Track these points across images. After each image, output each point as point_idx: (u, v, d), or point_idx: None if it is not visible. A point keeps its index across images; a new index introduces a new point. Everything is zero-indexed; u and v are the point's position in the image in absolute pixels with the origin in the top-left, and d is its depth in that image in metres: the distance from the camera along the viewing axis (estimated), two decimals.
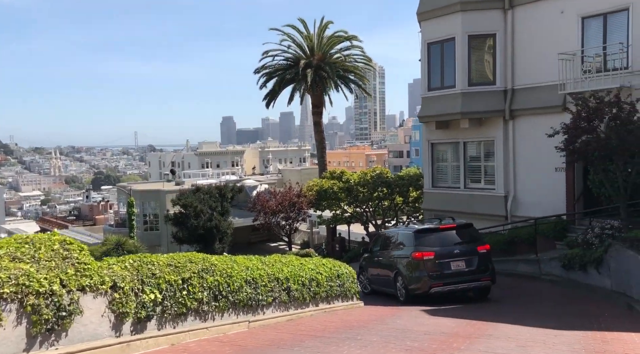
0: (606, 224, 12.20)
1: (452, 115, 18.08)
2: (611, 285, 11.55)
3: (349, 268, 11.80)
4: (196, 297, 6.74)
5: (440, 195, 19.92)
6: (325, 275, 10.31)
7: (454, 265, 11.32)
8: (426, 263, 11.26)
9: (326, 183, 22.72)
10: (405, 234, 12.47)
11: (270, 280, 8.50)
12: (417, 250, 11.48)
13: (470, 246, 11.63)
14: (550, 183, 16.76)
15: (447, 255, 11.34)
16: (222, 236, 29.70)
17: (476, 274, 11.45)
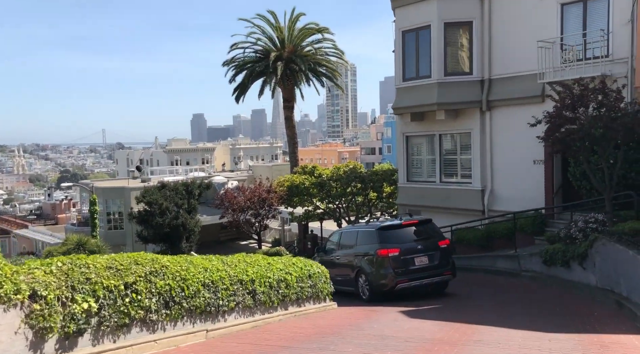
0: (590, 218, 11.65)
1: (428, 106, 17.39)
2: (596, 281, 10.97)
3: (321, 268, 10.94)
4: (142, 305, 5.76)
5: (415, 190, 19.24)
6: (295, 276, 9.42)
7: (418, 261, 11.41)
8: (391, 260, 11.22)
9: (297, 178, 21.78)
10: (368, 231, 12.24)
11: (232, 283, 7.56)
12: (382, 247, 11.39)
13: (432, 241, 11.79)
14: (528, 176, 16.25)
15: (411, 251, 11.40)
16: (189, 235, 28.53)
17: (439, 268, 11.65)
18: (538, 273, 13.35)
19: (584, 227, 11.68)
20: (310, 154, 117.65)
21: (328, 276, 11.26)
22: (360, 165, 23.99)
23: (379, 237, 11.62)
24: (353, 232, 13.02)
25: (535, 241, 15.57)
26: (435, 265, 11.56)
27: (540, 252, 13.12)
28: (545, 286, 12.41)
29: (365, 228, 12.79)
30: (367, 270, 11.81)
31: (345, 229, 14.26)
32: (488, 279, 14.14)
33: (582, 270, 11.53)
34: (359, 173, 21.77)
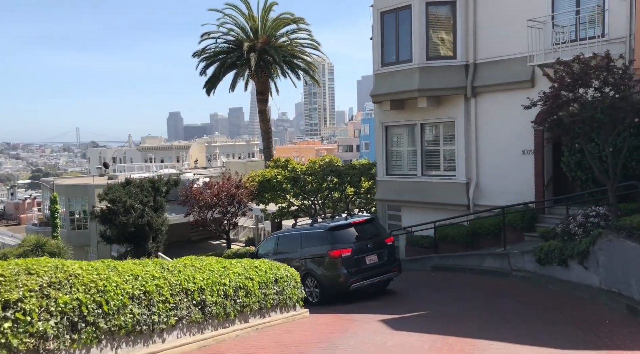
0: (591, 211, 10.45)
1: (409, 92, 16.06)
2: (600, 282, 9.77)
3: (290, 270, 9.50)
4: (33, 330, 4.23)
5: (395, 184, 17.92)
6: (258, 281, 7.96)
7: (369, 259, 11.32)
8: (344, 260, 11.01)
9: (269, 173, 20.23)
10: (315, 233, 11.82)
11: (174, 293, 6.07)
12: (333, 247, 11.09)
13: (379, 239, 11.78)
14: (516, 168, 15.05)
15: (362, 249, 11.30)
16: (155, 234, 26.84)
17: (387, 266, 11.67)
18: (531, 273, 12.12)
19: (584, 222, 10.47)
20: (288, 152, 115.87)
21: (299, 280, 9.84)
22: (337, 158, 22.60)
23: (329, 238, 11.28)
24: (295, 235, 12.45)
25: (524, 238, 14.38)
26: (385, 262, 11.60)
27: (534, 250, 11.90)
28: (541, 288, 11.18)
29: (312, 229, 12.15)
30: (317, 273, 11.44)
31: (283, 232, 13.22)
32: (475, 280, 12.88)
33: (582, 269, 10.32)
34: (335, 167, 20.36)
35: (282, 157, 21.86)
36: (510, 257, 12.91)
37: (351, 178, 20.78)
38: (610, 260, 9.32)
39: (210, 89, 34.82)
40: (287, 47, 34.01)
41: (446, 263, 14.70)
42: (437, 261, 14.88)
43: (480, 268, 13.71)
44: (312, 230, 12.10)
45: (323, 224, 12.22)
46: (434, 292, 11.98)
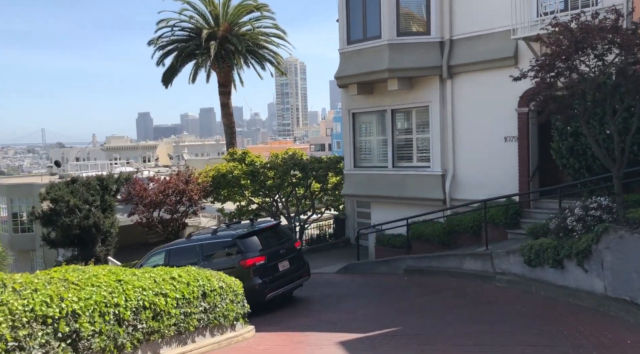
0: (591, 202, 8.77)
1: (378, 73, 14.24)
2: (606, 288, 8.10)
3: (227, 280, 7.55)
4: None
5: (364, 177, 16.11)
6: (175, 297, 5.98)
7: (281, 266, 10.79)
8: (258, 269, 10.25)
9: (224, 167, 18.15)
10: (223, 241, 10.84)
11: (20, 325, 4.04)
12: (245, 256, 10.28)
13: (289, 244, 11.36)
14: (498, 157, 13.40)
15: (275, 256, 10.72)
16: (105, 237, 24.48)
17: (299, 271, 11.26)
18: (518, 276, 10.41)
19: (583, 215, 8.78)
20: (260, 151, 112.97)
21: (241, 290, 7.90)
22: (302, 152, 20.65)
23: (239, 246, 10.47)
24: (192, 246, 11.14)
25: (508, 236, 12.73)
26: (296, 267, 11.14)
27: (521, 249, 10.19)
28: (531, 295, 9.47)
29: (215, 238, 11.02)
30: None
31: (175, 245, 11.73)
32: (454, 285, 11.11)
33: (582, 272, 8.64)
34: (298, 161, 18.41)
35: (238, 149, 19.76)
36: (493, 258, 11.18)
37: (317, 172, 18.86)
38: (621, 260, 7.64)
39: (168, 81, 32.53)
40: (250, 35, 31.97)
41: (420, 265, 12.93)
42: (410, 263, 13.10)
43: (460, 270, 11.96)
44: (217, 239, 10.95)
45: (230, 232, 11.14)
46: (406, 300, 10.17)
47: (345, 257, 16.66)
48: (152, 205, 17.08)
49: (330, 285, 13.05)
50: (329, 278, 13.89)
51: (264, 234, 10.99)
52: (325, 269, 15.27)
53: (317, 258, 17.56)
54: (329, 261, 16.41)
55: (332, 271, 14.72)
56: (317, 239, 19.95)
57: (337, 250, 18.85)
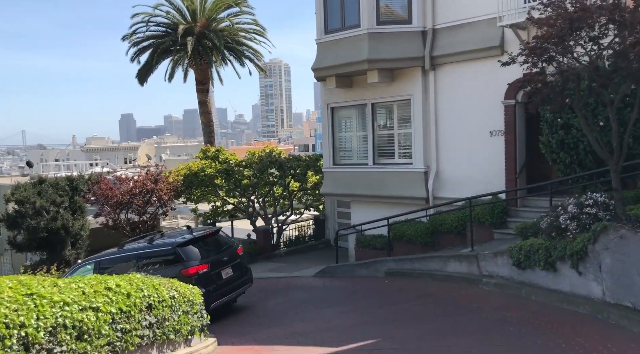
0: (586, 199, 8.03)
1: (357, 64, 13.42)
2: (604, 293, 7.36)
3: (182, 288, 6.64)
4: None
5: (344, 175, 15.28)
6: (110, 311, 5.05)
7: (224, 274, 10.35)
8: (201, 278, 9.69)
9: (196, 165, 17.15)
10: (161, 250, 10.21)
11: None
12: (187, 264, 9.73)
13: (232, 250, 10.93)
14: (484, 152, 12.68)
15: (218, 264, 10.27)
16: (75, 240, 23.36)
17: (242, 278, 10.87)
18: (506, 279, 9.66)
19: (578, 213, 8.04)
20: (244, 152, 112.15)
21: (199, 299, 7.00)
22: (281, 150, 19.74)
23: (180, 254, 9.89)
24: (125, 256, 10.42)
25: (494, 236, 12.01)
26: (239, 274, 10.75)
27: (510, 250, 9.43)
28: (521, 300, 8.71)
29: (152, 247, 10.32)
30: None
31: (106, 256, 10.83)
32: (437, 289, 10.32)
33: (576, 275, 7.90)
34: (275, 158, 17.50)
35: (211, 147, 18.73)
36: (479, 259, 10.42)
37: (295, 170, 17.98)
38: (622, 263, 6.91)
39: (143, 78, 31.28)
40: (229, 31, 30.97)
41: (402, 268, 12.12)
42: (391, 266, 12.29)
43: (443, 273, 11.17)
44: (154, 248, 10.26)
45: (169, 240, 10.46)
46: (386, 307, 9.35)
47: (324, 259, 15.81)
48: (118, 205, 16.02)
49: (305, 289, 12.19)
50: (305, 283, 13.03)
51: (205, 241, 10.56)
52: (302, 272, 14.40)
53: (295, 260, 16.69)
54: (307, 264, 15.53)
55: (309, 274, 13.85)
56: (295, 240, 19.06)
57: (316, 251, 17.98)
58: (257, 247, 17.11)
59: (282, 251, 17.70)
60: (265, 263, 16.56)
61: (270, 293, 12.29)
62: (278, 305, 10.94)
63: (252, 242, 17.55)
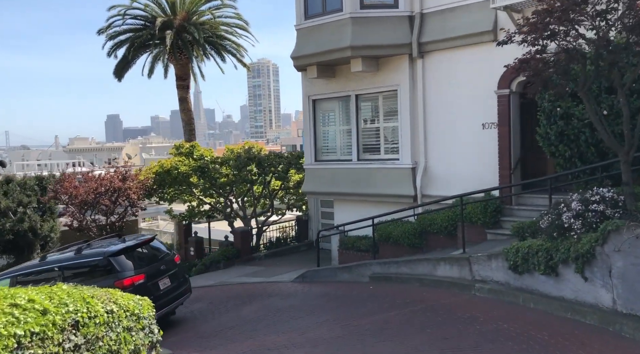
0: (592, 195, 7.13)
1: (339, 51, 12.44)
2: (614, 302, 6.46)
3: (125, 300, 5.61)
4: None
5: (326, 172, 14.30)
6: (14, 334, 4.01)
7: (162, 284, 9.82)
8: (137, 290, 8.68)
9: (168, 162, 16.04)
10: (91, 261, 9.45)
11: None
12: (121, 275, 9.09)
13: (169, 259, 10.42)
14: (475, 147, 11.78)
15: (155, 273, 9.74)
16: (44, 243, 22.15)
17: (180, 288, 10.35)
18: (501, 284, 8.74)
19: (583, 210, 7.14)
20: None
21: (148, 312, 5.97)
22: (261, 147, 18.71)
23: (113, 264, 9.23)
24: (47, 269, 9.55)
25: (487, 236, 11.13)
26: (177, 284, 10.23)
27: (506, 252, 8.51)
28: (519, 308, 7.80)
29: (80, 258, 9.51)
30: None
31: (23, 269, 9.93)
32: (426, 295, 9.37)
33: (582, 280, 6.99)
34: (254, 155, 16.46)
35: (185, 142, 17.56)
36: (471, 262, 9.49)
37: (275, 168, 16.96)
38: (637, 266, 6.01)
39: (120, 74, 30.02)
40: (211, 25, 29.85)
41: (388, 272, 11.15)
42: (376, 270, 11.32)
43: (433, 277, 10.22)
44: (82, 259, 9.46)
45: (99, 249, 9.69)
46: (368, 317, 8.36)
47: (306, 262, 14.82)
48: (83, 205, 14.87)
49: (283, 296, 11.19)
50: (283, 288, 12.02)
51: (140, 250, 9.99)
52: (281, 277, 13.39)
53: (275, 263, 15.68)
54: (287, 268, 14.53)
55: (288, 279, 12.84)
56: (276, 242, 18.03)
57: (298, 254, 16.98)
58: (235, 250, 16.07)
59: (261, 254, 16.66)
60: (242, 266, 15.54)
61: (244, 300, 11.28)
62: (251, 314, 9.92)
63: (230, 244, 16.49)
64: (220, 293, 12.57)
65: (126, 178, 15.23)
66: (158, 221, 34.46)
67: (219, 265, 15.76)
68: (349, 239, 13.38)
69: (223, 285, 13.54)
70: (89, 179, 15.28)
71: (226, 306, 11.06)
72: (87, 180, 15.20)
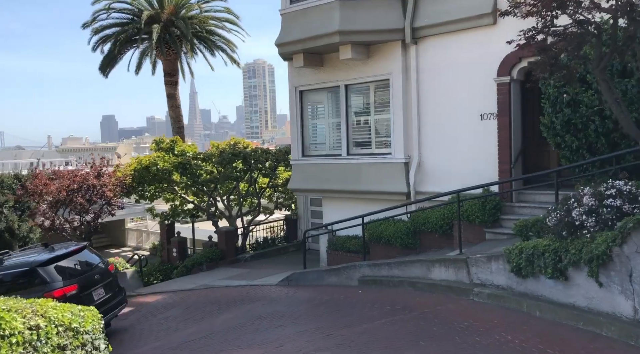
0: (606, 188, 6.27)
1: (327, 36, 11.55)
2: (635, 310, 5.61)
3: (59, 312, 4.72)
4: None
5: (314, 168, 13.43)
6: None
7: (96, 295, 9.42)
8: (69, 302, 7.70)
9: (147, 158, 15.06)
10: (16, 272, 8.94)
11: None
12: (51, 286, 8.67)
13: (102, 269, 9.99)
14: (473, 139, 10.93)
15: (89, 284, 9.35)
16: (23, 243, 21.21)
17: (116, 299, 9.95)
18: (503, 289, 7.88)
19: (596, 206, 6.27)
20: None
21: (94, 325, 5.10)
22: (248, 143, 17.80)
23: (42, 275, 8.79)
24: None
25: (486, 236, 10.29)
26: (112, 295, 9.81)
27: (508, 253, 7.64)
28: (523, 316, 6.93)
29: (4, 269, 9.05)
30: None
31: None
32: (419, 301, 8.49)
33: (596, 286, 6.13)
34: (239, 150, 15.54)
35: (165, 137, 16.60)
36: (469, 264, 8.62)
37: (262, 164, 16.07)
38: None
39: (106, 69, 29.18)
40: (199, 19, 28.98)
41: (379, 275, 10.27)
42: (365, 272, 10.42)
43: (427, 280, 9.34)
44: (7, 270, 9.02)
45: (25, 259, 9.26)
46: (354, 326, 7.47)
47: (294, 264, 13.96)
48: (56, 204, 13.92)
49: (265, 301, 10.30)
50: (267, 292, 11.13)
51: (71, 259, 9.50)
52: (265, 280, 12.50)
53: (261, 265, 14.79)
54: (272, 270, 13.65)
55: (272, 282, 11.95)
56: (264, 243, 17.13)
57: (286, 255, 16.11)
58: (219, 250, 15.16)
59: (247, 256, 15.76)
60: (226, 269, 14.64)
61: (222, 306, 10.40)
62: (228, 322, 9.04)
63: (213, 245, 15.58)
64: (198, 298, 11.68)
65: (102, 175, 14.28)
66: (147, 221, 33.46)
67: (201, 266, 14.86)
68: (338, 239, 12.53)
69: (203, 289, 12.66)
70: (62, 176, 14.32)
71: (202, 313, 10.18)
72: (60, 177, 14.24)
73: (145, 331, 9.67)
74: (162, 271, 15.48)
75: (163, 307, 11.36)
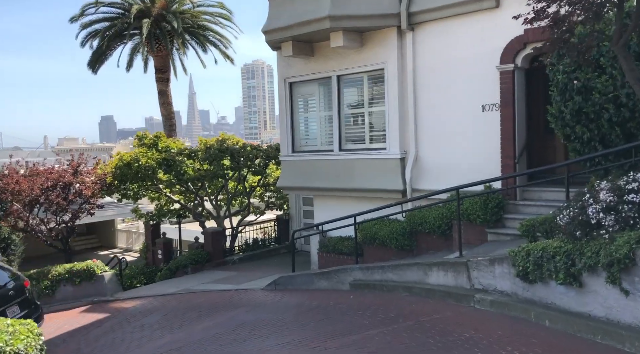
0: (628, 182, 5.50)
1: (317, 22, 10.75)
2: None
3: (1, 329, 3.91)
4: None
5: (305, 165, 12.64)
6: None
7: (10, 313, 8.71)
8: None
9: (128, 154, 14.26)
10: None
11: None
12: None
13: (16, 284, 9.26)
14: (474, 132, 10.15)
15: (1, 301, 8.61)
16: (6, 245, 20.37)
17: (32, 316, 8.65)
18: (507, 295, 7.10)
19: (616, 202, 5.50)
20: None
21: (30, 342, 4.30)
22: (239, 139, 16.99)
23: None
24: None
25: (488, 237, 9.52)
26: (27, 313, 9.03)
27: (513, 256, 6.86)
28: (531, 327, 6.15)
29: None
30: None
31: None
32: (415, 308, 7.71)
33: (617, 293, 5.35)
34: (226, 147, 14.74)
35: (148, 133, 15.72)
36: (470, 268, 7.83)
37: (251, 162, 15.27)
38: None
39: (95, 65, 28.35)
40: (192, 14, 28.21)
41: (372, 279, 9.48)
42: (358, 276, 9.64)
43: (424, 285, 8.55)
44: None
45: None
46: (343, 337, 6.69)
47: (284, 266, 13.18)
48: (30, 203, 13.11)
49: (249, 308, 9.52)
50: (252, 298, 10.34)
51: None
52: (252, 284, 11.72)
53: (249, 268, 14.01)
54: (261, 273, 12.88)
55: (259, 287, 11.17)
56: (253, 244, 16.34)
57: (276, 257, 15.33)
58: (205, 252, 14.35)
59: (235, 258, 14.96)
60: (212, 271, 13.84)
61: (203, 313, 9.61)
62: (205, 331, 8.24)
63: (200, 246, 14.78)
64: (179, 303, 10.87)
65: (79, 172, 13.46)
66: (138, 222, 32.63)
67: (186, 269, 14.05)
68: (330, 240, 11.75)
69: (185, 293, 11.86)
70: (37, 173, 13.49)
71: (181, 320, 9.38)
72: (34, 174, 13.42)
73: (117, 340, 8.88)
74: (146, 274, 14.68)
75: (140, 313, 10.57)
